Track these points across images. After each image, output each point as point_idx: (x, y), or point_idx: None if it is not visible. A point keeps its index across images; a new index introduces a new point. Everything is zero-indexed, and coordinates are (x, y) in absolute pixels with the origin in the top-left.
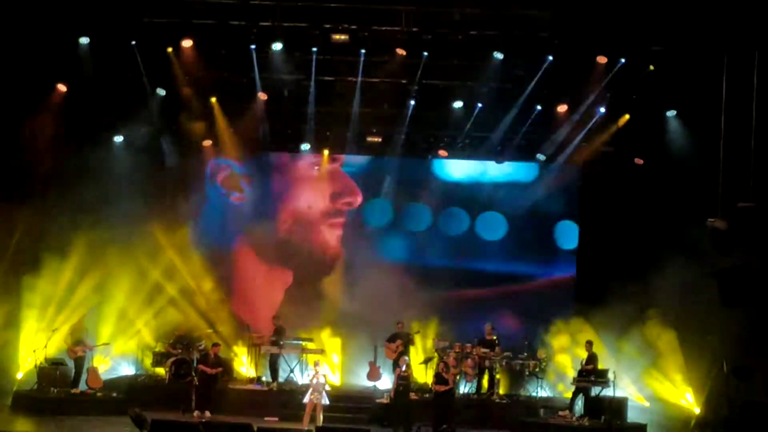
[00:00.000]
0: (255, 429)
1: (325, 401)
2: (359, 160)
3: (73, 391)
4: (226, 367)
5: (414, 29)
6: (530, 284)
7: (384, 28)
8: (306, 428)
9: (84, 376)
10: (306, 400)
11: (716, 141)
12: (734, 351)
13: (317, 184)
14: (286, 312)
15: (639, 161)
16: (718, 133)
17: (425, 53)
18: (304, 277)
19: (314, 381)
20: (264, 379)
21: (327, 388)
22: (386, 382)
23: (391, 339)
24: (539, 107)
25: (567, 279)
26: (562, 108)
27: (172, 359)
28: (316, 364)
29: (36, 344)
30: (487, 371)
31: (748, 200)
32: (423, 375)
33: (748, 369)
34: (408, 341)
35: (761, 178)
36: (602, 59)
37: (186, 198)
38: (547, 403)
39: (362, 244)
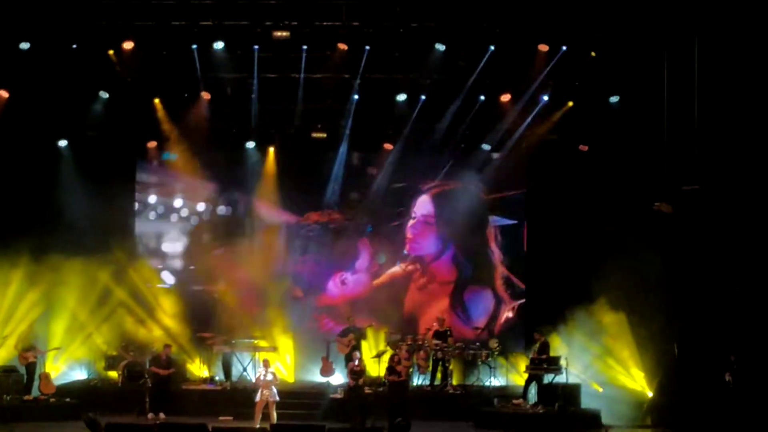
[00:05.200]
0: (210, 429)
1: (275, 398)
2: None
3: (26, 397)
4: (178, 367)
5: (355, 23)
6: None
7: (325, 23)
8: (258, 426)
9: (36, 382)
10: (257, 399)
11: (660, 125)
12: (683, 334)
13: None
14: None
15: (583, 148)
16: (662, 117)
17: (367, 47)
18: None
19: (262, 378)
20: (217, 378)
21: (276, 384)
22: (339, 377)
23: (343, 334)
24: (483, 97)
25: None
26: (505, 97)
27: (124, 362)
28: (264, 362)
29: None
30: (440, 362)
31: (692, 183)
32: (376, 369)
33: None
34: (360, 336)
35: (705, 161)
36: (544, 47)
37: (131, 201)
38: (501, 392)
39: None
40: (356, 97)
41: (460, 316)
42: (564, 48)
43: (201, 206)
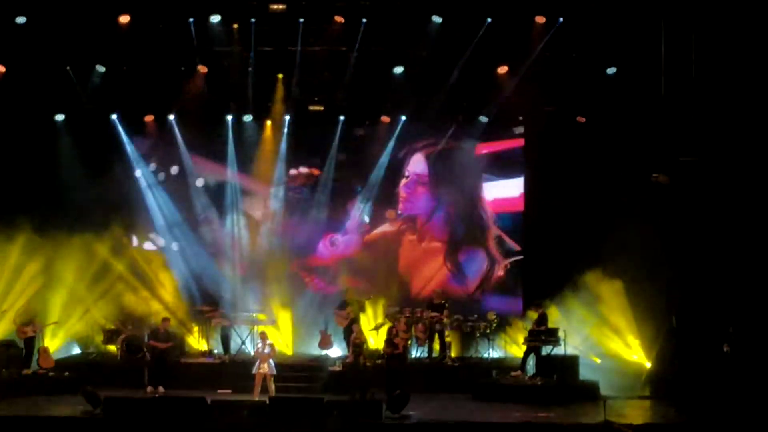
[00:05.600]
0: (208, 402)
1: (273, 371)
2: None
3: (25, 372)
4: (177, 341)
5: None
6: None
7: None
8: (257, 399)
9: (35, 357)
10: (254, 371)
11: (657, 97)
12: (681, 305)
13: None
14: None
15: (581, 119)
16: (659, 88)
17: (364, 20)
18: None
19: (260, 351)
20: (216, 352)
21: (274, 357)
22: (338, 350)
23: (342, 306)
24: (480, 69)
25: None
26: (502, 69)
27: (122, 336)
28: (261, 334)
29: None
30: (438, 335)
31: (690, 155)
32: (375, 341)
33: None
34: (359, 308)
35: (703, 133)
36: (541, 19)
37: (129, 176)
38: (499, 364)
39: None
40: (353, 70)
41: (454, 275)
42: (561, 20)
43: (196, 179)
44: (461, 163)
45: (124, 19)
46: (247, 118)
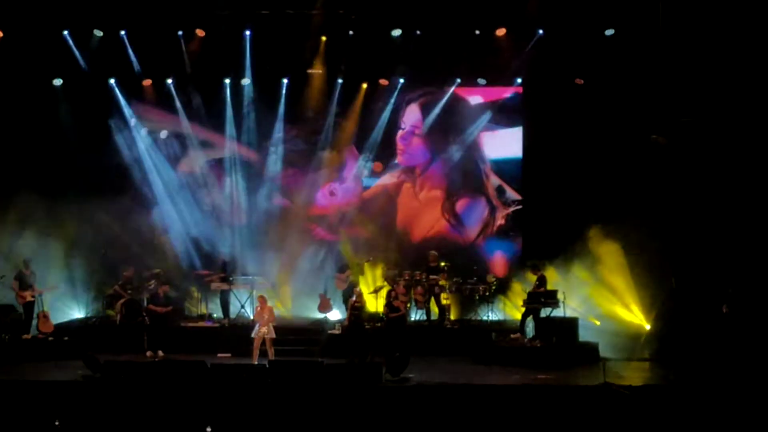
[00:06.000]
0: (208, 366)
1: (272, 334)
2: None
3: (24, 336)
4: (176, 305)
5: None
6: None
7: None
8: (256, 362)
9: (35, 321)
10: (253, 334)
11: (656, 58)
12: (680, 266)
13: None
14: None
15: (579, 81)
16: (658, 49)
17: None
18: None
19: (259, 315)
20: (215, 315)
21: (273, 320)
22: (337, 313)
23: (341, 269)
24: (478, 32)
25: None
26: (500, 31)
27: (122, 301)
28: (260, 298)
29: None
30: (437, 298)
31: (688, 116)
32: (374, 304)
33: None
34: (358, 271)
35: (701, 94)
36: None
37: (127, 140)
38: (499, 327)
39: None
40: (351, 32)
41: (453, 225)
42: None
43: (193, 141)
44: (457, 113)
45: None
46: (245, 81)
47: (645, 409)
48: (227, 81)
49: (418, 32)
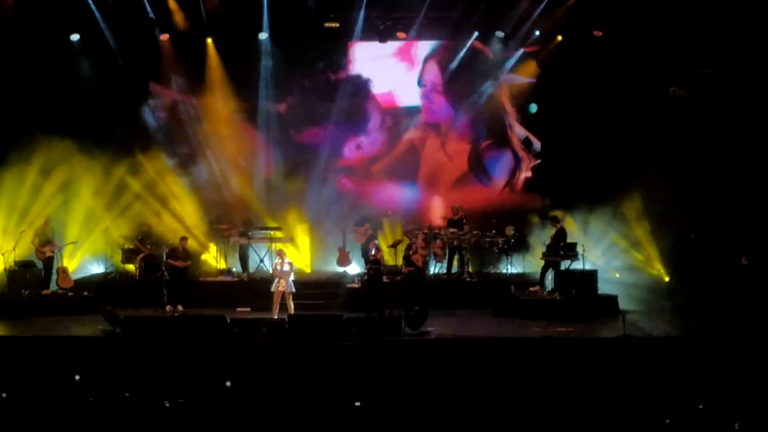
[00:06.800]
0: (227, 320)
1: (292, 288)
2: None
3: (44, 292)
4: (195, 260)
5: None
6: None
7: None
8: (276, 317)
9: (54, 277)
10: (273, 289)
11: (675, 9)
12: (699, 219)
13: None
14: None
15: (597, 33)
16: (676, 1)
17: None
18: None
19: (278, 269)
20: (234, 270)
21: (292, 275)
22: (356, 267)
23: (360, 223)
24: None
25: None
26: None
27: (141, 255)
28: (279, 252)
29: (4, 247)
30: (456, 251)
31: (707, 68)
32: (393, 258)
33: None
34: (377, 224)
35: (720, 45)
36: None
37: (144, 95)
38: (518, 280)
39: None
40: None
41: (480, 178)
42: None
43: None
44: (476, 66)
45: None
46: (263, 35)
47: (665, 361)
48: (262, 36)
49: None
